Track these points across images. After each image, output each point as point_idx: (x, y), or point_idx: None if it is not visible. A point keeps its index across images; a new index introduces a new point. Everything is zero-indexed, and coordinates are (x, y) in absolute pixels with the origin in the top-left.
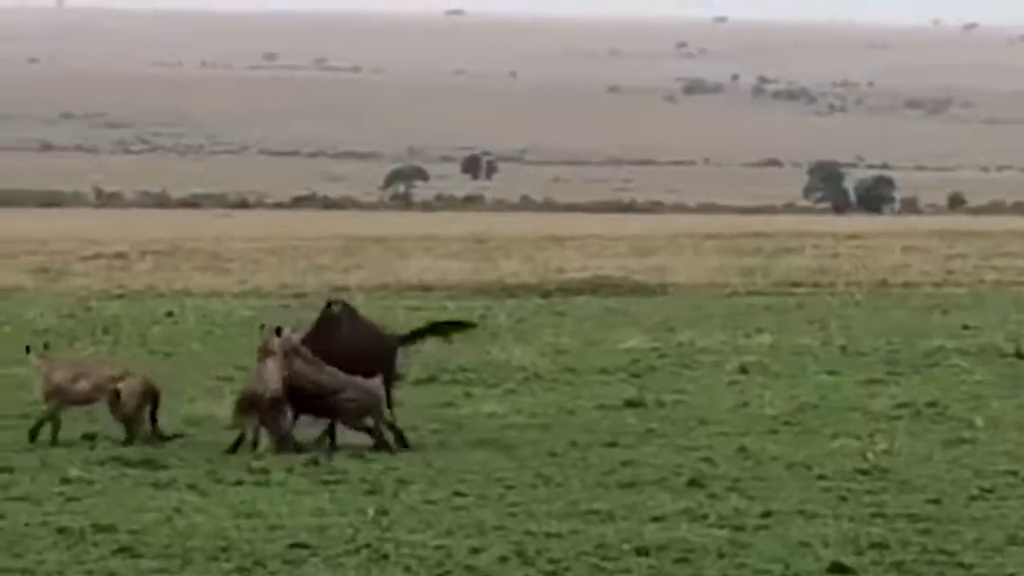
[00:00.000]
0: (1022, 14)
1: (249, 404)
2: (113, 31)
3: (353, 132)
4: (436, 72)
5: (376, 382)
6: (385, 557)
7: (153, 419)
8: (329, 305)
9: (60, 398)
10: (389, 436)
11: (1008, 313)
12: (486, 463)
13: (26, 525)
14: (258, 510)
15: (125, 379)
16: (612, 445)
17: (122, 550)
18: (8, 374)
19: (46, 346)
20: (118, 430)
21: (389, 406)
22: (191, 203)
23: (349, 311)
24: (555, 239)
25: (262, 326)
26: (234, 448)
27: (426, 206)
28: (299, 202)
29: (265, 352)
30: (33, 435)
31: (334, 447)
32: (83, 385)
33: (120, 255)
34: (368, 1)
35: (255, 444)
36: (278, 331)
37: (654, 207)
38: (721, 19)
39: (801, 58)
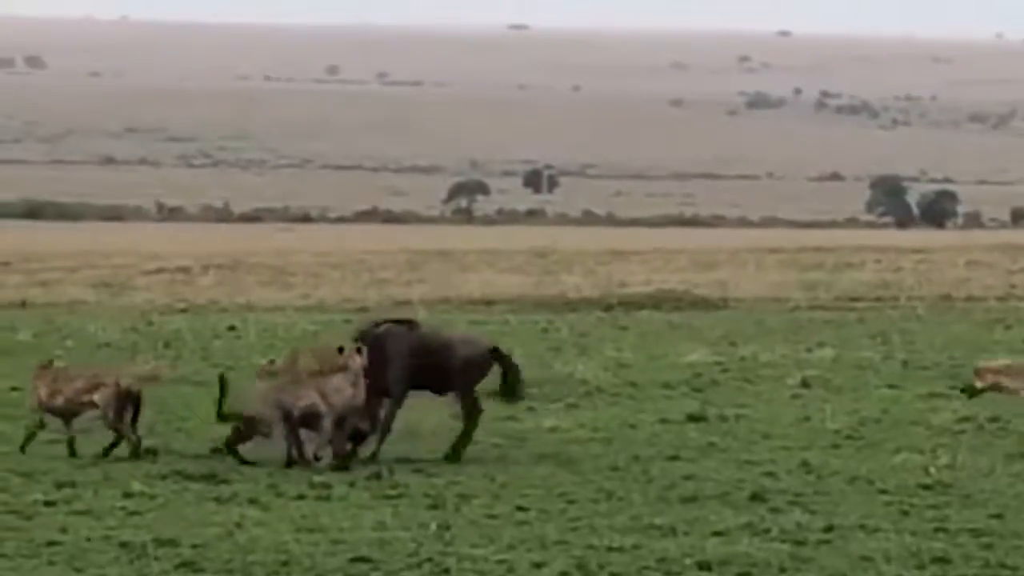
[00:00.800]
0: None
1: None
2: (176, 46)
3: (415, 146)
4: (498, 86)
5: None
6: (447, 571)
7: (133, 422)
8: (377, 325)
9: (43, 411)
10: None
11: None
12: (548, 477)
13: (88, 540)
14: (320, 524)
15: (99, 390)
16: (674, 459)
17: (184, 564)
18: None
19: (50, 362)
20: (180, 444)
21: (471, 421)
22: (253, 217)
23: (400, 328)
24: (617, 253)
25: (340, 349)
26: (290, 462)
27: (488, 220)
28: (362, 216)
29: (341, 367)
30: (23, 447)
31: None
32: (59, 400)
33: (183, 269)
34: (431, 15)
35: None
36: (359, 350)
37: (717, 221)
38: (784, 33)
39: (864, 72)
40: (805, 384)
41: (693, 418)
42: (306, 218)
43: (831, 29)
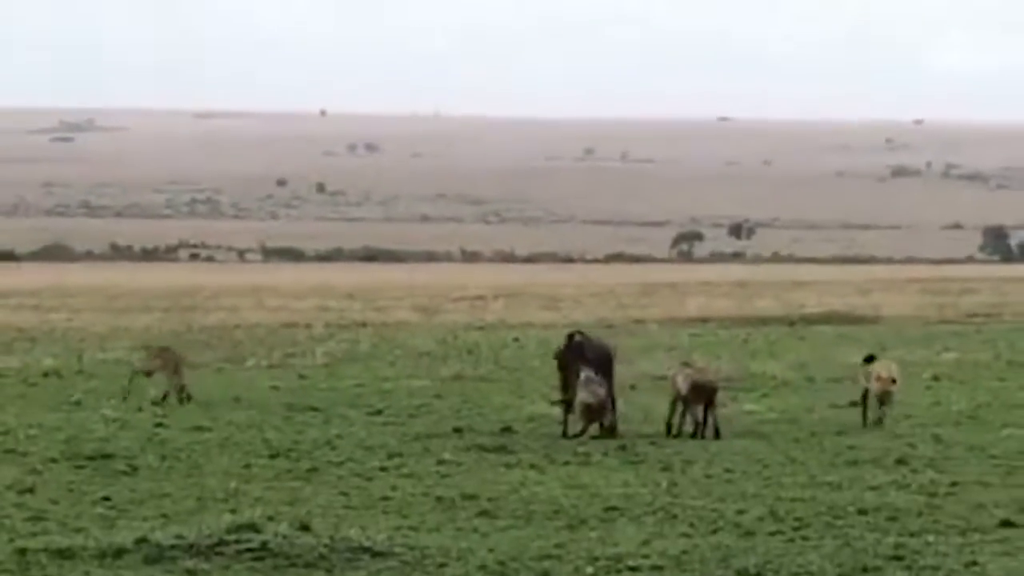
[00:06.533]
0: None
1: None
2: (473, 133)
3: (649, 206)
4: (711, 162)
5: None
6: (674, 517)
7: None
8: (571, 336)
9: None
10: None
11: None
12: (748, 448)
13: (412, 495)
14: (582, 482)
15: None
16: (840, 434)
17: (482, 513)
18: (401, 387)
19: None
20: (479, 424)
21: (612, 404)
22: (532, 259)
23: (586, 337)
24: (798, 283)
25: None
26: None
27: (703, 260)
28: (610, 258)
29: None
30: None
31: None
32: None
33: (479, 297)
34: (658, 110)
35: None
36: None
37: (870, 259)
38: (919, 121)
39: (981, 149)
40: (936, 378)
41: (855, 404)
42: (569, 259)
43: (957, 116)
